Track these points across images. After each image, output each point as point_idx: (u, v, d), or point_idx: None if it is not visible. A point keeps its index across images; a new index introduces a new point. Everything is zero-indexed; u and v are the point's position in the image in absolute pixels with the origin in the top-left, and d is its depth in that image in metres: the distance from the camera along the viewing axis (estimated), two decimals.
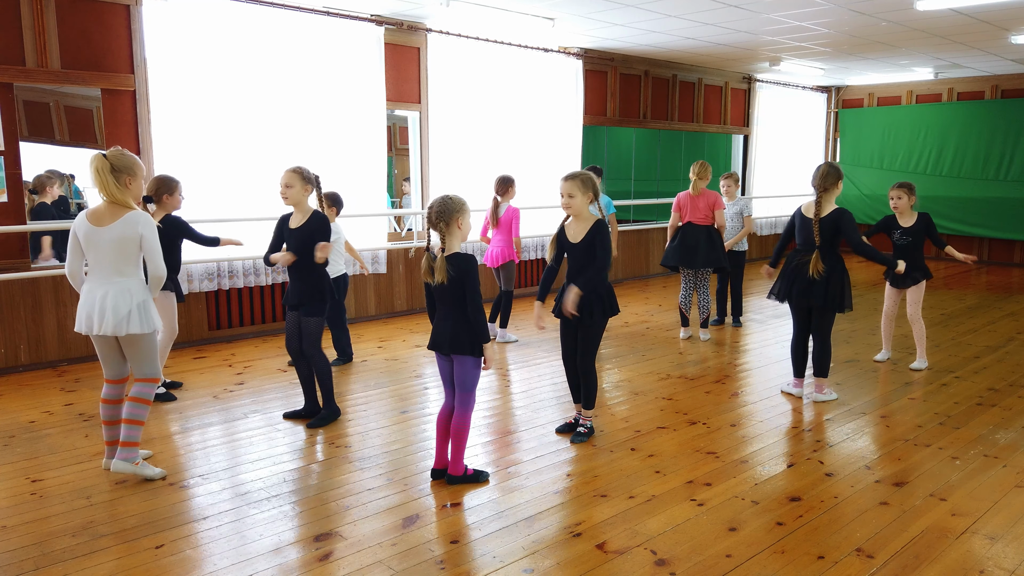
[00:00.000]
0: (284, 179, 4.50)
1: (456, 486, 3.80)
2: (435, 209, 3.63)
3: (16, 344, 5.95)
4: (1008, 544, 3.23)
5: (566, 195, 4.21)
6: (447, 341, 3.68)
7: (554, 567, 3.03)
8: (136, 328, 3.71)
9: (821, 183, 4.95)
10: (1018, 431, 4.63)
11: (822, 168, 5.00)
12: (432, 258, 3.67)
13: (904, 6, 7.22)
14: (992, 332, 7.41)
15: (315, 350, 4.64)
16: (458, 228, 3.65)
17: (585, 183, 4.20)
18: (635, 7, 7.32)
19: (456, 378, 3.75)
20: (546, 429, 4.63)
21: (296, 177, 4.50)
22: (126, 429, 3.82)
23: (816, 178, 5.00)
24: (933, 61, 10.71)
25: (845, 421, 4.83)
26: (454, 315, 3.67)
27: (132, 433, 3.83)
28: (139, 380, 3.86)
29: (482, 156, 8.68)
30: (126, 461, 3.82)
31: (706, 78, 11.77)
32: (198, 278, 6.74)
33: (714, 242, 6.82)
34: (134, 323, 3.71)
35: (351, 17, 7.38)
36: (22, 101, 5.92)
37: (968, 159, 12.34)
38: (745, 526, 3.38)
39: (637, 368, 6.08)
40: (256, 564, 3.05)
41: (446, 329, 3.68)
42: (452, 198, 3.65)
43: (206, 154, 6.60)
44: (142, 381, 3.86)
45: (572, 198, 4.20)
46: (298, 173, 4.52)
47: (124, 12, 6.19)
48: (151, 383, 3.88)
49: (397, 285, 8.23)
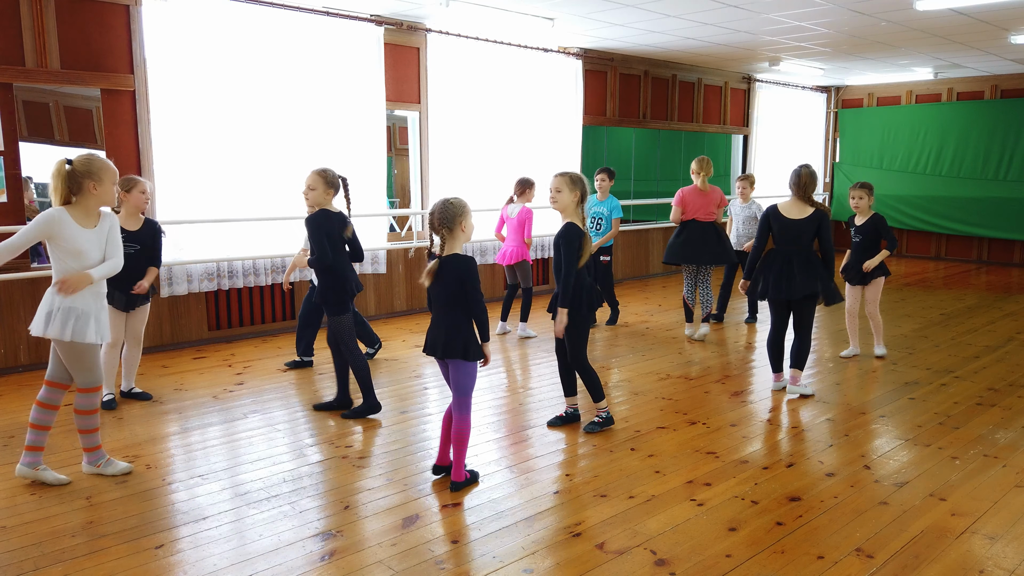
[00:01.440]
0: (308, 180, 4.61)
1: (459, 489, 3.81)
2: (436, 214, 3.63)
3: (16, 344, 5.95)
4: (1008, 544, 3.23)
5: (553, 190, 4.31)
6: (440, 345, 3.68)
7: (554, 567, 3.03)
8: (54, 333, 3.61)
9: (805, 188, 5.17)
10: (1018, 431, 4.63)
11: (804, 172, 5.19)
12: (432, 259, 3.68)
13: (904, 6, 7.23)
14: (991, 332, 7.41)
15: (349, 348, 4.74)
16: (461, 231, 3.65)
17: (575, 182, 4.28)
18: (635, 7, 7.32)
19: (453, 381, 3.76)
20: (546, 429, 4.63)
21: (319, 180, 4.56)
22: (82, 439, 3.87)
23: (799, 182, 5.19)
24: (933, 61, 10.71)
25: (845, 421, 4.83)
26: (447, 319, 3.67)
27: (89, 440, 3.86)
28: (77, 390, 3.79)
29: (482, 156, 8.68)
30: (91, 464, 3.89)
31: (706, 78, 11.77)
32: (197, 278, 6.73)
33: (720, 238, 6.90)
34: (53, 327, 3.60)
35: (351, 17, 7.38)
36: (22, 101, 5.92)
37: (967, 159, 12.35)
38: (745, 526, 3.38)
39: (637, 368, 6.08)
40: (256, 564, 3.05)
41: (439, 334, 3.69)
42: (453, 202, 3.64)
43: (206, 154, 6.60)
44: (80, 391, 3.79)
45: (559, 192, 4.29)
46: (322, 176, 4.58)
47: (124, 12, 6.18)
48: (89, 392, 3.79)
49: (397, 285, 8.23)
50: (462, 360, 3.67)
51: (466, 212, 3.66)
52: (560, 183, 4.29)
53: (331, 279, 4.65)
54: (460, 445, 3.77)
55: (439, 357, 3.73)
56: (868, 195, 6.09)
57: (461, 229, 3.64)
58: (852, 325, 6.40)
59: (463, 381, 3.73)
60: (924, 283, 10.46)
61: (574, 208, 4.31)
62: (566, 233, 4.28)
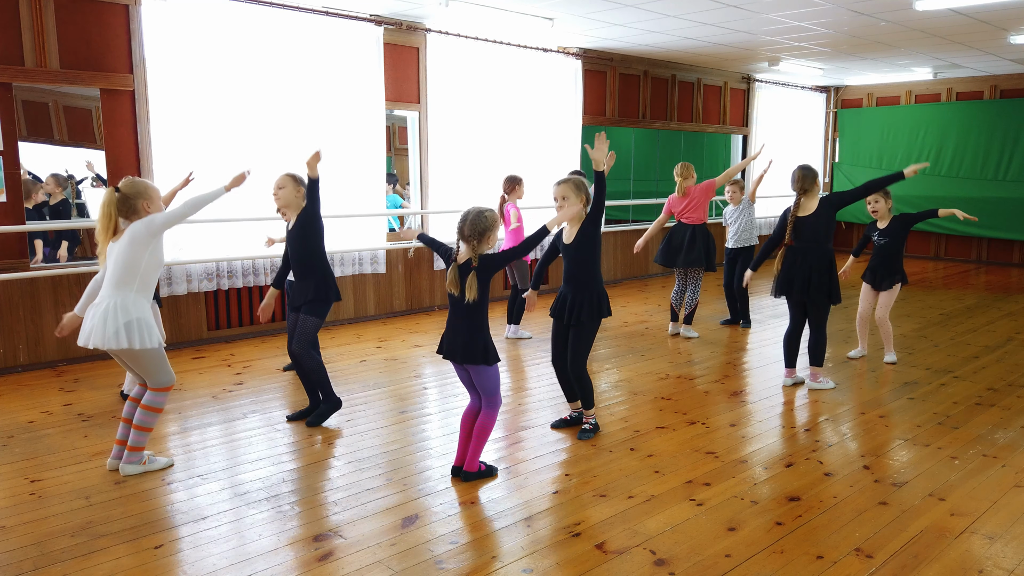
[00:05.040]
0: (276, 181, 4.56)
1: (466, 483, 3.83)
2: (468, 223, 3.60)
3: (15, 344, 5.95)
4: (1007, 544, 3.23)
5: (560, 198, 4.24)
6: (459, 351, 3.69)
7: (553, 567, 3.03)
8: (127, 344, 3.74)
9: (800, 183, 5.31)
10: (1017, 431, 4.63)
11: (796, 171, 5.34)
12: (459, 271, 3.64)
13: (903, 6, 7.23)
14: (991, 332, 7.41)
15: (304, 348, 4.60)
16: (487, 242, 3.65)
17: (579, 187, 4.24)
18: (634, 7, 7.32)
19: (478, 385, 3.79)
20: (545, 429, 4.63)
21: (288, 179, 4.55)
22: (134, 434, 3.91)
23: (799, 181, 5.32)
24: (932, 61, 10.71)
25: (844, 421, 4.83)
26: (467, 324, 3.67)
27: (139, 439, 3.92)
28: (152, 389, 3.93)
29: (481, 156, 8.67)
30: (134, 464, 3.92)
31: (705, 78, 11.77)
32: (197, 278, 6.73)
33: (696, 242, 6.91)
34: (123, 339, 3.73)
35: (350, 17, 7.38)
36: (21, 101, 5.92)
37: (967, 159, 12.35)
38: (744, 526, 3.39)
39: (636, 368, 6.08)
40: (255, 564, 3.05)
41: (458, 339, 3.69)
42: (487, 215, 3.62)
43: (205, 154, 6.58)
44: (154, 390, 3.93)
45: (565, 199, 4.23)
46: (291, 176, 4.57)
47: (123, 12, 6.18)
48: (163, 392, 3.95)
49: (396, 285, 8.23)
50: (484, 366, 3.70)
51: (497, 224, 3.66)
52: (565, 190, 4.22)
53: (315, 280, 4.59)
54: (481, 438, 3.83)
55: (459, 362, 3.75)
56: (885, 199, 6.02)
57: (488, 241, 3.64)
58: (863, 328, 6.36)
59: (488, 384, 3.76)
60: (924, 283, 10.46)
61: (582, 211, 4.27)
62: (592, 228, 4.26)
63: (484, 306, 3.69)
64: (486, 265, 3.64)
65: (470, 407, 3.92)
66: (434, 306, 8.55)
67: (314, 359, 4.64)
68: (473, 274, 3.60)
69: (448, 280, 3.67)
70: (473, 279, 3.60)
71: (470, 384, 3.86)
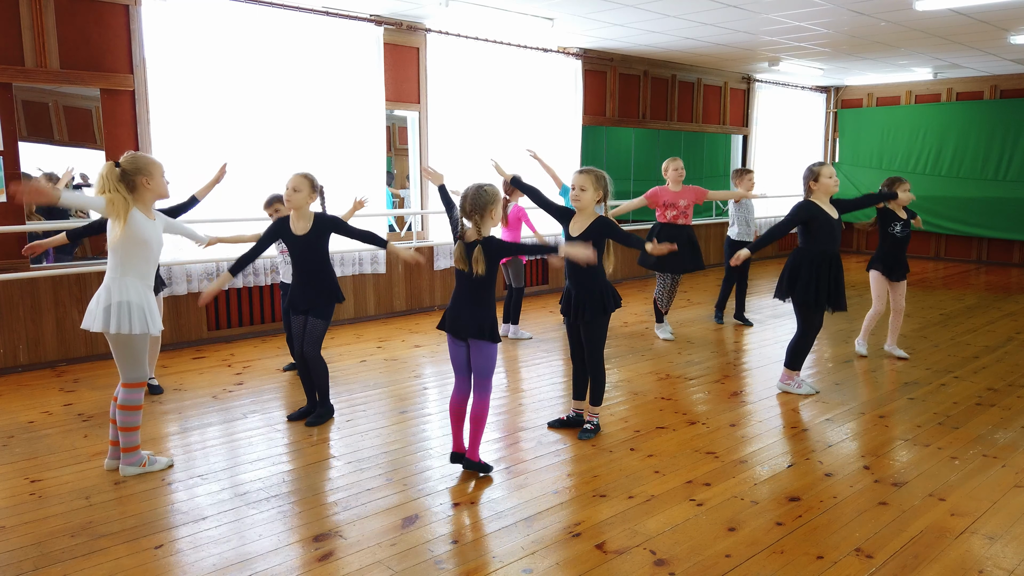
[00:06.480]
0: (292, 183, 4.49)
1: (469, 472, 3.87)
2: (469, 199, 3.67)
3: (15, 344, 5.95)
4: (1007, 544, 3.23)
5: (578, 187, 4.18)
6: (464, 326, 3.71)
7: (553, 567, 3.03)
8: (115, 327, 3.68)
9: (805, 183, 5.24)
10: (1017, 431, 4.63)
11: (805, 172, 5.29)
12: (466, 247, 3.70)
13: (903, 6, 7.23)
14: (991, 332, 7.41)
15: (315, 351, 4.65)
16: (491, 218, 3.70)
17: (599, 180, 4.17)
18: (634, 7, 7.32)
19: (474, 363, 3.79)
20: (546, 429, 4.63)
21: (305, 182, 4.51)
22: (122, 436, 3.87)
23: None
24: (932, 61, 10.71)
25: (844, 421, 4.83)
26: (473, 299, 3.72)
27: (128, 439, 3.88)
28: (124, 385, 3.85)
29: (481, 156, 8.65)
30: (132, 465, 3.90)
31: (705, 78, 11.77)
32: (197, 278, 6.73)
33: (696, 246, 6.92)
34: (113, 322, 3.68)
35: (350, 17, 7.38)
36: (21, 101, 5.92)
37: (967, 159, 12.35)
38: (744, 526, 3.38)
39: (636, 368, 6.08)
40: (255, 564, 3.05)
41: (463, 315, 3.72)
42: (487, 189, 3.69)
43: (205, 154, 6.57)
44: (126, 386, 3.84)
45: (583, 191, 4.17)
46: (307, 179, 4.53)
47: (123, 12, 6.18)
48: (135, 388, 3.85)
49: (396, 285, 8.22)
50: (488, 342, 3.71)
51: (498, 200, 3.71)
52: (585, 181, 4.15)
53: (325, 283, 4.61)
54: (478, 425, 3.84)
55: (463, 338, 3.76)
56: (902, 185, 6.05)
57: (491, 216, 3.69)
58: (872, 324, 6.39)
59: (484, 364, 3.77)
60: (923, 283, 10.46)
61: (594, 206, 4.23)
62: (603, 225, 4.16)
63: (492, 284, 3.73)
64: (491, 243, 3.69)
65: (457, 395, 3.91)
66: (434, 306, 8.55)
67: (324, 365, 4.73)
68: (479, 247, 3.65)
69: (455, 256, 3.74)
70: (479, 252, 3.64)
71: (463, 364, 3.85)
